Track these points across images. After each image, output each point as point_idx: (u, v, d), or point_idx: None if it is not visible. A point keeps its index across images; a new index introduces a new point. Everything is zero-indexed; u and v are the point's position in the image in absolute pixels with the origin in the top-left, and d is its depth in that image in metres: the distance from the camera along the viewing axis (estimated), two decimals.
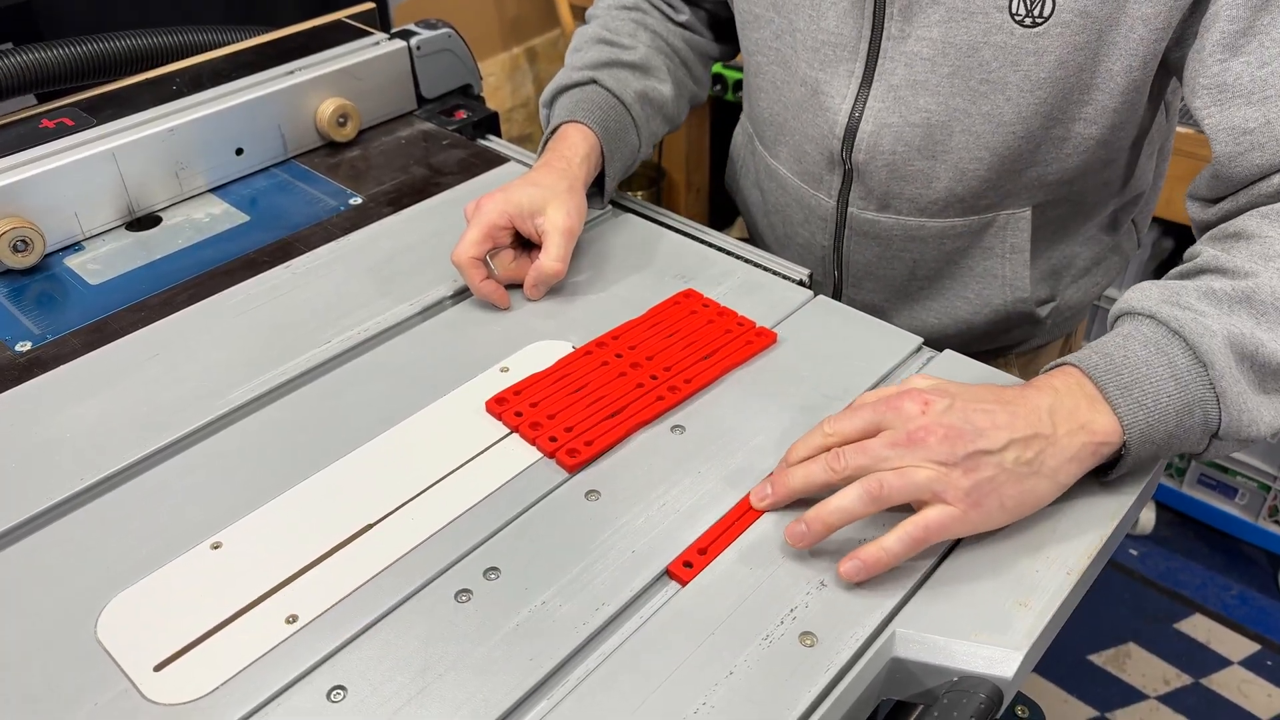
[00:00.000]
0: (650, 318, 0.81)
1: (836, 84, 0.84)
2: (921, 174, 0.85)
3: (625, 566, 0.61)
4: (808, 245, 0.97)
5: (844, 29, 0.82)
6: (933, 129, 0.82)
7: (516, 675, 0.55)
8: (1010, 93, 0.78)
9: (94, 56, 1.09)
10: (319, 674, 0.56)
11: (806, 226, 0.96)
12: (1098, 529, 0.63)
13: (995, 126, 0.80)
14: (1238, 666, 1.71)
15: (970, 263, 0.91)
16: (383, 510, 0.65)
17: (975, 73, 0.78)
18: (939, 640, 0.57)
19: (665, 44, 0.98)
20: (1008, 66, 0.77)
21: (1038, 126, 0.80)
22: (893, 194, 0.87)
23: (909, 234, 0.89)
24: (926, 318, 0.97)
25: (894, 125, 0.82)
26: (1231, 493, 1.87)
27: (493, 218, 0.82)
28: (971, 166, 0.83)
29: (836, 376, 0.75)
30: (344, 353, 0.79)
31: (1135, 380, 0.61)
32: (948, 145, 0.82)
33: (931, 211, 0.87)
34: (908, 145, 0.83)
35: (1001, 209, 0.87)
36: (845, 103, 0.84)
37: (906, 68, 0.80)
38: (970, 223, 0.88)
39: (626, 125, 0.92)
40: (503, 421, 0.72)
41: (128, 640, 0.58)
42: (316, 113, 1.04)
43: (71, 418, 0.73)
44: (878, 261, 0.93)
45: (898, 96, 0.81)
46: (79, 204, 0.92)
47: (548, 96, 0.95)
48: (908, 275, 0.93)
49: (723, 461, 0.68)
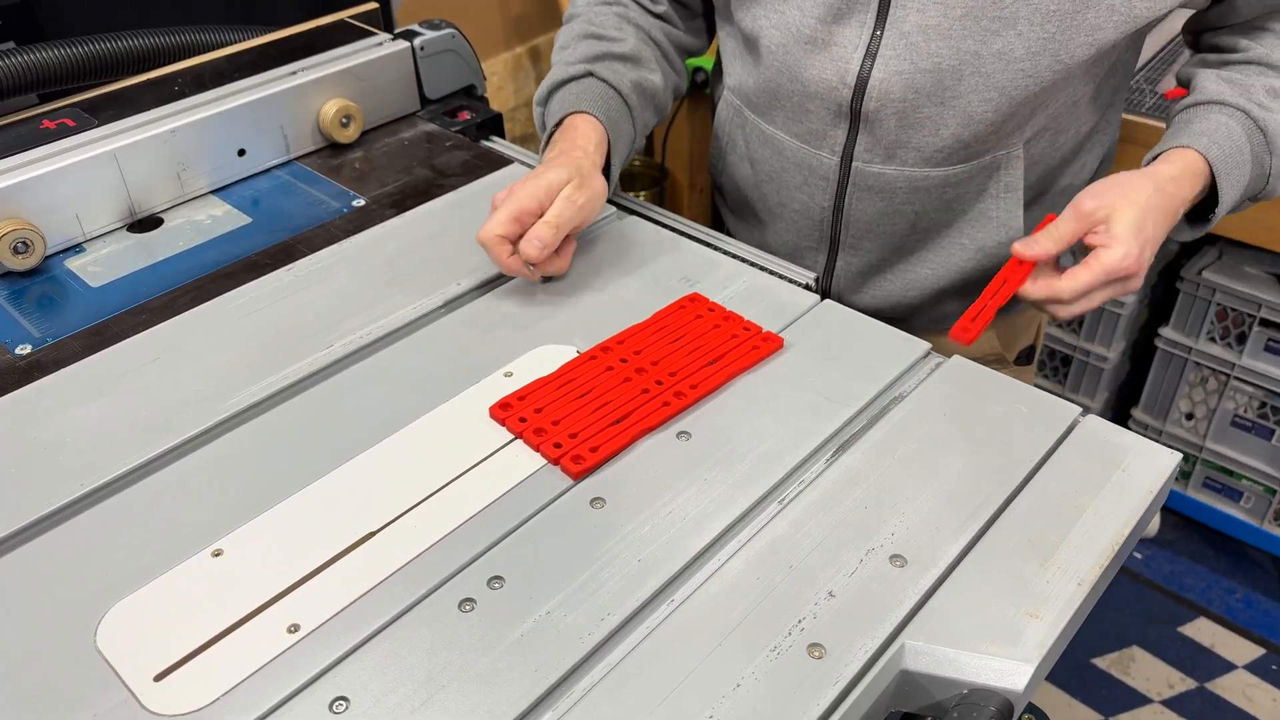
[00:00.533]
0: (655, 322, 0.80)
1: (848, 34, 0.85)
2: (930, 120, 0.86)
3: (631, 575, 0.61)
4: (805, 210, 0.98)
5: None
6: (943, 74, 0.83)
7: (521, 686, 0.55)
8: (1021, 27, 0.80)
9: (96, 56, 1.08)
10: (321, 685, 0.55)
11: (805, 189, 0.96)
12: (1108, 539, 0.62)
13: (1005, 65, 0.82)
14: (1243, 671, 1.71)
15: (966, 207, 0.93)
16: (385, 517, 0.65)
17: (988, 10, 0.80)
18: (949, 652, 0.56)
19: (648, 36, 0.99)
20: (1020, 2, 0.79)
21: (1044, 64, 0.82)
22: (900, 143, 0.88)
23: (913, 185, 0.91)
24: (922, 270, 0.98)
25: (905, 72, 0.84)
26: (1237, 496, 1.87)
27: (524, 201, 0.81)
28: (980, 110, 0.85)
29: (843, 382, 0.74)
30: (346, 356, 0.78)
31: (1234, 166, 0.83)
32: (957, 90, 0.84)
33: (936, 160, 0.89)
34: (918, 92, 0.84)
35: (998, 149, 0.89)
36: (857, 51, 0.85)
37: (919, 13, 0.82)
38: (970, 168, 0.90)
39: (624, 116, 0.93)
40: (507, 427, 0.71)
41: (128, 649, 0.57)
42: (319, 114, 1.03)
43: (71, 422, 0.72)
44: (879, 217, 0.94)
45: (909, 43, 0.83)
46: (80, 205, 0.91)
47: (542, 94, 0.95)
48: (908, 229, 0.95)
49: (729, 468, 0.68)
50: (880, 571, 0.60)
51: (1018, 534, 0.63)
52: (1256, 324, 1.71)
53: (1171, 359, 1.84)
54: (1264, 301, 1.68)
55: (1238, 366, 1.75)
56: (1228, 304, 1.73)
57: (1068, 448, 0.69)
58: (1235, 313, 1.73)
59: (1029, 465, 0.67)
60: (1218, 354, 1.77)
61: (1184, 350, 1.81)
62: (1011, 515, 0.64)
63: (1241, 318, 1.73)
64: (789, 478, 0.67)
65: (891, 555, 0.61)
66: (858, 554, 0.61)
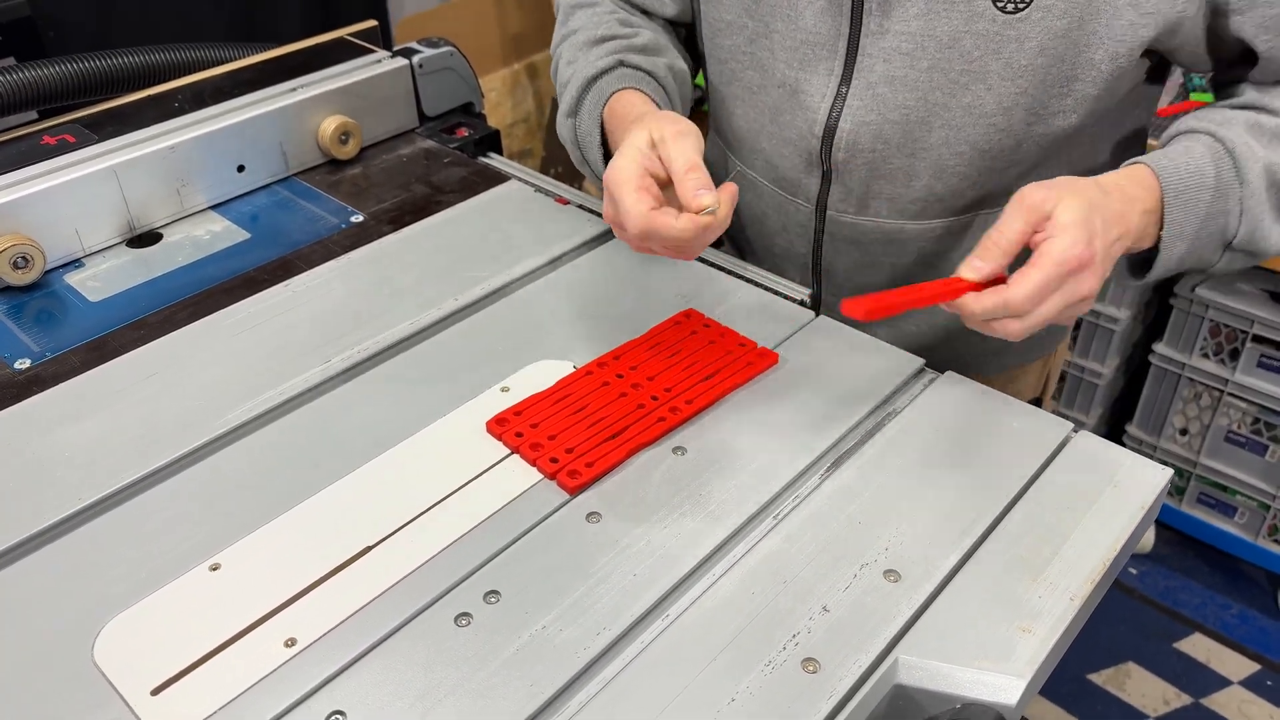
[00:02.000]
0: (651, 338, 0.81)
1: (816, 82, 0.84)
2: (901, 171, 0.84)
3: (627, 590, 0.61)
4: (787, 254, 0.97)
5: (822, 27, 0.81)
6: (911, 125, 0.81)
7: (517, 701, 0.55)
8: (991, 81, 0.78)
9: (96, 73, 1.09)
10: (318, 699, 0.55)
11: (785, 235, 0.96)
12: (1100, 554, 0.63)
13: (976, 118, 0.80)
14: (1238, 686, 1.71)
15: (949, 268, 0.89)
16: (382, 532, 0.65)
17: (955, 63, 0.78)
18: (942, 667, 0.56)
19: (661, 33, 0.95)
20: (989, 54, 0.77)
21: (1019, 118, 0.80)
22: (872, 194, 0.87)
23: (888, 237, 0.89)
24: (906, 328, 0.96)
25: (872, 123, 0.82)
26: (1231, 512, 1.87)
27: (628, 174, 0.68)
28: (951, 162, 0.83)
29: (838, 397, 0.75)
30: (344, 371, 0.79)
31: (1189, 187, 0.74)
32: (927, 141, 0.82)
33: (911, 213, 0.87)
34: (886, 143, 0.83)
35: (980, 209, 0.87)
36: (825, 101, 0.84)
37: (885, 64, 0.80)
38: (949, 224, 0.88)
39: (665, 101, 0.87)
40: (503, 442, 0.72)
41: (125, 663, 0.57)
42: (318, 130, 1.04)
43: (70, 436, 0.73)
44: (857, 268, 0.93)
45: (875, 94, 0.81)
46: (80, 221, 0.92)
47: (570, 103, 0.87)
48: (887, 282, 0.93)
49: (724, 483, 0.68)
50: (874, 586, 0.61)
51: (1010, 549, 0.63)
52: (1249, 340, 1.72)
53: (1165, 375, 1.85)
54: (1257, 318, 1.69)
55: (1231, 383, 1.76)
56: (1221, 320, 1.74)
57: (1060, 464, 0.69)
58: (1228, 329, 1.74)
59: (1021, 481, 0.68)
60: (1211, 370, 1.78)
61: (1178, 366, 1.82)
62: (1004, 531, 0.64)
63: (1235, 334, 1.74)
64: (783, 493, 0.68)
65: (885, 570, 0.62)
66: (852, 569, 0.62)
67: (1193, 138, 0.77)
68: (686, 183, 0.67)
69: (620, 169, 0.69)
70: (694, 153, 0.68)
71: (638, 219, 0.67)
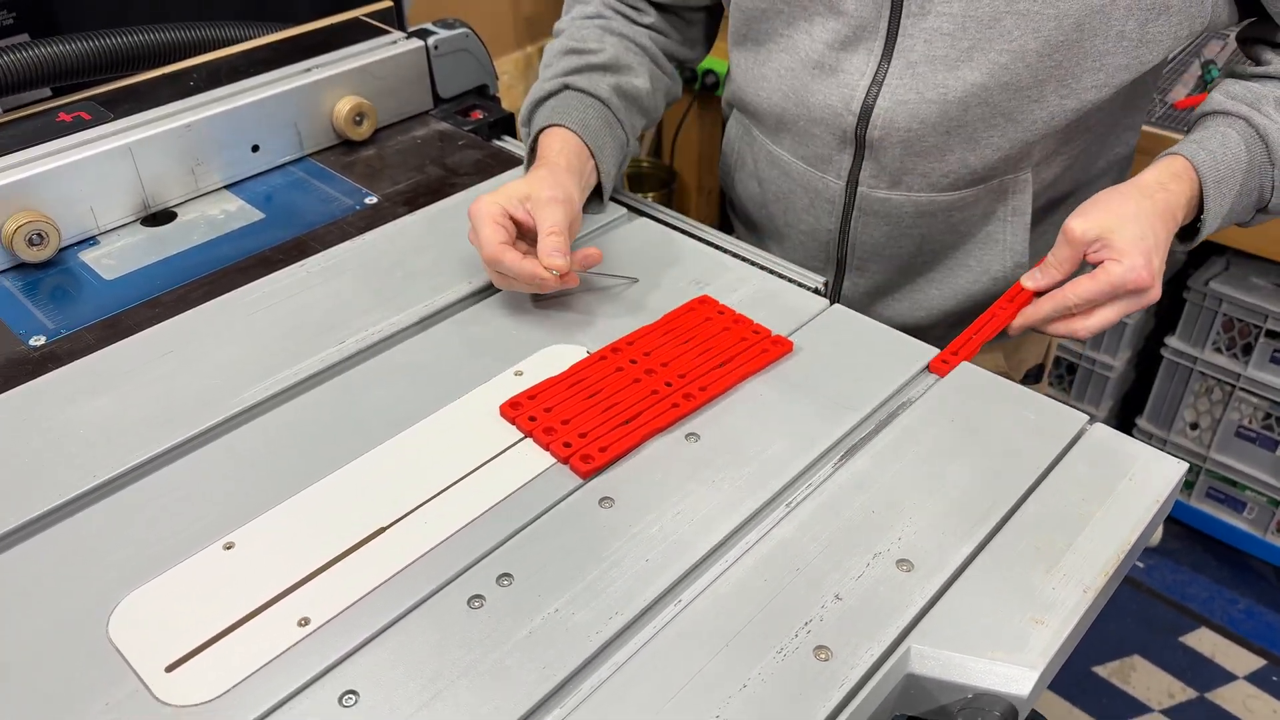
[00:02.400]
0: (665, 324, 0.80)
1: (855, 62, 0.85)
2: (935, 149, 0.86)
3: (639, 575, 0.61)
4: (811, 231, 0.98)
5: (863, 10, 0.83)
6: (949, 104, 0.83)
7: (529, 683, 0.55)
8: (1029, 59, 0.80)
9: (110, 51, 1.09)
10: (331, 678, 0.56)
11: (811, 211, 0.96)
12: (1114, 547, 0.62)
13: (1011, 94, 0.82)
14: (1243, 681, 1.71)
15: (973, 230, 0.93)
16: (396, 513, 0.65)
17: (996, 43, 0.79)
18: (954, 657, 0.56)
19: (634, 44, 0.98)
20: (1029, 33, 0.79)
21: (1051, 90, 0.82)
22: (906, 170, 0.88)
23: (919, 210, 0.90)
24: (930, 291, 0.98)
25: (910, 102, 0.84)
26: (1240, 507, 1.87)
27: (489, 209, 0.79)
28: (986, 136, 0.85)
29: (852, 386, 0.75)
30: (358, 353, 0.79)
31: (1227, 174, 0.81)
32: (963, 120, 0.84)
33: (942, 185, 0.89)
34: (923, 122, 0.84)
35: (1006, 174, 0.89)
36: (864, 79, 0.85)
37: (926, 44, 0.81)
38: (977, 192, 0.89)
39: (608, 120, 0.91)
40: (516, 426, 0.72)
41: (140, 640, 0.58)
42: (333, 111, 1.04)
43: (85, 413, 0.73)
44: (886, 241, 0.94)
45: (916, 74, 0.83)
46: (95, 198, 0.92)
47: (524, 113, 0.95)
48: (914, 251, 0.95)
49: (737, 470, 0.68)
50: (887, 575, 0.61)
51: (1024, 540, 0.63)
52: (1263, 335, 1.71)
53: (1177, 369, 1.84)
54: (1270, 313, 1.68)
55: (1243, 377, 1.75)
56: (1234, 315, 1.73)
57: (1074, 456, 0.69)
58: (1241, 323, 1.74)
59: (1036, 472, 0.67)
60: (1223, 364, 1.77)
61: (1189, 360, 1.81)
62: (1018, 522, 0.64)
63: (1248, 329, 1.73)
64: (797, 481, 0.68)
65: (898, 560, 0.62)
66: (864, 558, 0.62)
67: (1227, 121, 0.83)
68: (545, 243, 0.78)
69: (486, 203, 0.79)
70: (560, 218, 0.79)
71: (489, 247, 0.78)
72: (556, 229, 0.78)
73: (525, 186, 0.81)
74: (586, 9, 1.00)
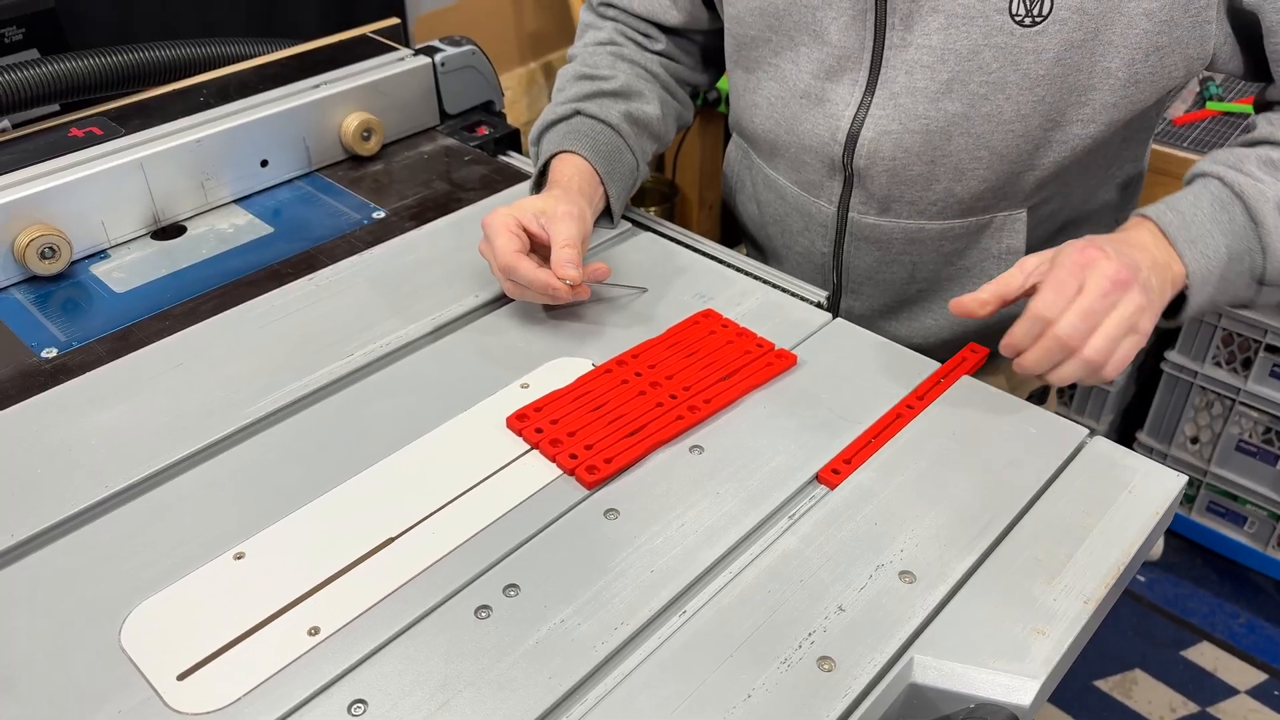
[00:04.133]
0: (670, 337, 0.81)
1: (840, 92, 0.86)
2: (921, 177, 0.87)
3: (644, 586, 0.62)
4: (807, 254, 0.99)
5: (847, 41, 0.84)
6: (932, 134, 0.84)
7: (536, 693, 0.56)
8: (1010, 91, 0.80)
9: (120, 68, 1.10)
10: (340, 687, 0.56)
11: (806, 235, 0.98)
12: (1115, 559, 0.63)
13: (995, 126, 0.82)
14: (1245, 696, 1.71)
15: (968, 263, 0.94)
16: (404, 524, 0.66)
17: (975, 75, 0.80)
18: (956, 667, 0.57)
19: (645, 70, 1.00)
20: (1008, 66, 0.79)
21: (1036, 125, 0.82)
22: (893, 198, 0.89)
23: (909, 237, 0.91)
24: (925, 320, 0.99)
25: (894, 132, 0.85)
26: (1241, 521, 1.87)
27: (504, 220, 0.81)
28: (971, 167, 0.85)
29: (856, 400, 0.75)
30: (366, 366, 0.80)
31: (1200, 235, 0.74)
32: (946, 149, 0.84)
33: (930, 214, 0.89)
34: (907, 151, 0.85)
35: (998, 210, 0.89)
36: (848, 110, 0.86)
37: (907, 75, 0.82)
38: (968, 224, 0.90)
39: (618, 146, 0.93)
40: (523, 438, 0.72)
41: (151, 648, 0.58)
42: (341, 126, 1.05)
43: (96, 425, 0.74)
44: (878, 266, 0.95)
45: (898, 104, 0.84)
46: (106, 212, 0.93)
47: (534, 136, 0.96)
48: (907, 278, 0.95)
49: (741, 482, 0.69)
50: (890, 587, 0.61)
51: (1025, 552, 0.64)
52: (1262, 350, 1.71)
53: (1177, 383, 1.85)
54: (1270, 327, 1.69)
55: (1243, 391, 1.76)
56: (1234, 329, 1.74)
57: (1075, 468, 0.70)
58: (1241, 338, 1.74)
59: (1037, 485, 0.68)
60: (1223, 379, 1.78)
61: (1190, 374, 1.82)
62: (1019, 533, 0.65)
63: (1248, 343, 1.74)
64: (800, 493, 0.68)
65: (901, 571, 0.62)
66: (867, 569, 0.62)
67: (1204, 182, 0.78)
68: (560, 255, 0.80)
69: (501, 214, 0.81)
70: (575, 232, 0.81)
71: (503, 255, 0.79)
72: (571, 242, 0.80)
73: (540, 202, 0.83)
74: (599, 35, 1.01)
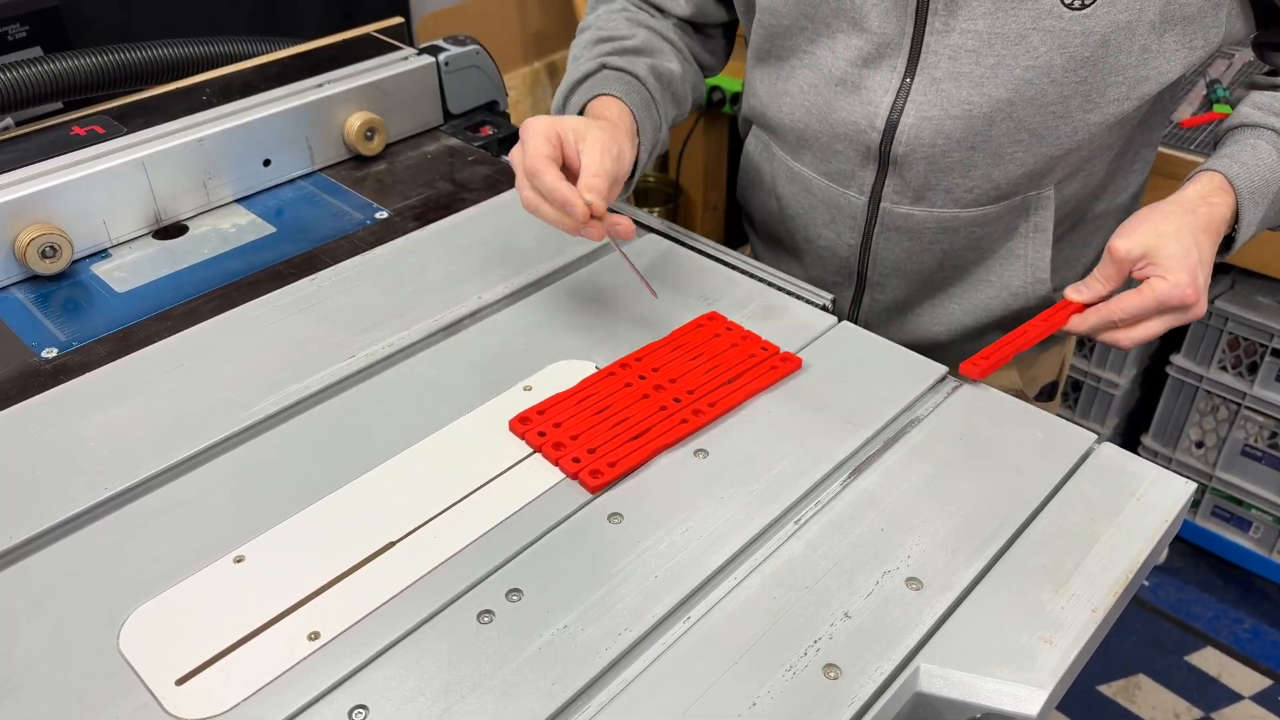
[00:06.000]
0: (674, 340, 0.81)
1: (878, 79, 0.86)
2: (960, 165, 0.86)
3: (648, 591, 0.61)
4: (831, 247, 0.98)
5: (887, 27, 0.83)
6: (974, 120, 0.83)
7: (538, 700, 0.55)
8: (1055, 75, 0.80)
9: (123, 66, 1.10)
10: (341, 692, 0.56)
11: (832, 227, 0.97)
12: (1123, 566, 0.62)
13: (1036, 110, 0.82)
14: (1249, 701, 1.70)
15: (995, 246, 0.93)
16: (405, 528, 0.65)
17: (1021, 59, 0.80)
18: (963, 676, 0.56)
19: (661, 35, 0.98)
20: (1055, 50, 0.79)
21: (1076, 106, 0.82)
22: (930, 186, 0.88)
23: (942, 225, 0.91)
24: (950, 306, 0.98)
25: (935, 118, 0.84)
26: (1246, 526, 1.86)
27: (544, 126, 0.77)
28: (1010, 151, 0.85)
29: (861, 404, 0.75)
30: (369, 367, 0.79)
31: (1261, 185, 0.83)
32: (988, 134, 0.84)
33: (966, 201, 0.89)
34: (948, 137, 0.85)
35: (1031, 189, 0.89)
36: (887, 96, 0.85)
37: (950, 60, 0.82)
38: (1000, 208, 0.90)
39: (645, 99, 0.90)
40: (526, 441, 0.72)
41: (150, 653, 0.58)
42: (344, 126, 1.05)
43: (96, 426, 0.73)
44: (906, 257, 0.94)
45: (940, 90, 0.83)
46: (107, 211, 0.93)
47: (559, 100, 0.93)
48: (935, 267, 0.95)
49: (746, 486, 0.68)
50: (896, 594, 0.61)
51: (1033, 559, 0.63)
52: (1269, 354, 1.71)
53: (1183, 387, 1.84)
54: (1276, 332, 1.68)
55: (1249, 396, 1.75)
56: (1240, 333, 1.73)
57: (1083, 475, 0.69)
58: (1247, 342, 1.74)
59: (1044, 491, 0.68)
60: (1229, 383, 1.77)
61: (1195, 379, 1.81)
62: (1027, 541, 0.64)
63: (1254, 347, 1.73)
64: (805, 498, 0.68)
65: (907, 578, 0.62)
66: (874, 576, 0.62)
67: (1256, 134, 0.85)
68: (587, 180, 0.75)
69: (541, 120, 0.78)
70: (608, 167, 0.76)
71: (532, 157, 0.75)
72: (602, 174, 0.75)
73: (583, 125, 0.78)
74: (613, 5, 1.00)
